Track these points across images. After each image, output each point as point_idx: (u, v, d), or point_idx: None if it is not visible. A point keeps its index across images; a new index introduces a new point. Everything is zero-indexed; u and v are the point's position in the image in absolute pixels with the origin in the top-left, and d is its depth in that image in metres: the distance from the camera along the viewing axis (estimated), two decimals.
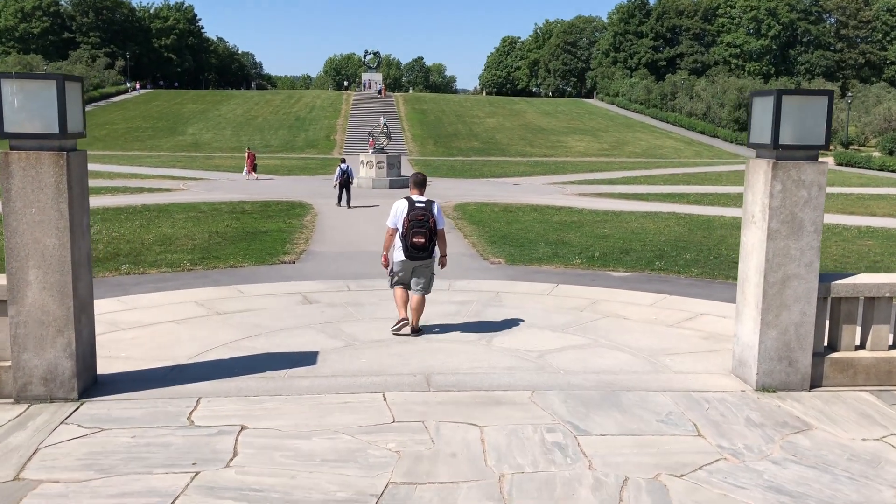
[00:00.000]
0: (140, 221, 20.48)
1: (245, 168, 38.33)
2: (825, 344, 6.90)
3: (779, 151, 6.34)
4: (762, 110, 6.43)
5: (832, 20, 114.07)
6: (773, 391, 6.64)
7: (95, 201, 25.47)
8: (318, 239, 18.42)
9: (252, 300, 10.96)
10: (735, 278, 14.23)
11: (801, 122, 6.22)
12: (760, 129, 6.45)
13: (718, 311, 10.73)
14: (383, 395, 6.46)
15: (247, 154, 38.76)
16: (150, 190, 30.47)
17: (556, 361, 7.34)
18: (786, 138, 6.25)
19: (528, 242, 17.76)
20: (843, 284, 6.64)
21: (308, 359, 7.35)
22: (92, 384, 6.63)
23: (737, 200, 29.00)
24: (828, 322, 6.88)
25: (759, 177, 6.48)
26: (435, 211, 8.25)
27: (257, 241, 17.66)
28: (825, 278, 6.70)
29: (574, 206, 25.89)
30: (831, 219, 22.72)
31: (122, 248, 16.47)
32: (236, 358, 7.41)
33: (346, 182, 25.81)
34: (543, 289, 12.28)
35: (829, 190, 34.27)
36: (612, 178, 40.94)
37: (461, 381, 6.83)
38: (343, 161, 27.22)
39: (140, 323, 9.27)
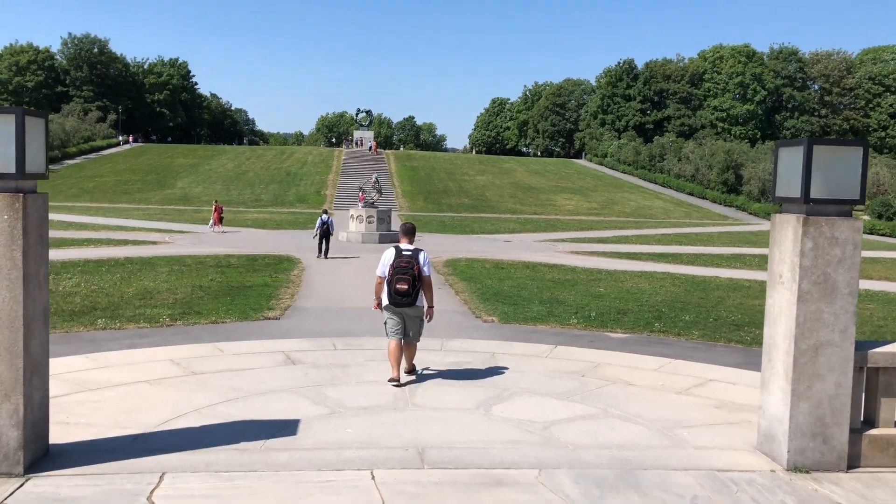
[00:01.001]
0: (122, 274, 19.78)
1: (211, 220, 38.18)
2: (861, 419, 6.25)
3: (809, 206, 5.80)
4: (789, 161, 5.91)
5: (816, 87, 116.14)
6: (807, 471, 5.97)
7: (77, 253, 24.82)
8: (305, 294, 17.79)
9: (231, 359, 10.25)
10: (738, 342, 13.83)
11: (834, 174, 5.70)
12: (788, 181, 5.92)
13: (727, 376, 10.18)
14: (371, 473, 5.72)
15: (214, 206, 38.73)
16: (135, 242, 29.81)
17: (563, 434, 6.64)
18: (817, 192, 5.72)
19: (521, 300, 17.22)
20: (881, 353, 6.02)
21: (288, 428, 6.62)
22: (42, 456, 5.86)
23: (730, 261, 28.60)
24: (864, 395, 6.24)
25: (787, 233, 5.93)
26: (421, 259, 8.47)
27: (241, 295, 17.01)
28: (861, 346, 6.09)
29: (567, 264, 25.40)
30: None
31: (100, 301, 15.78)
32: (209, 426, 6.66)
33: (325, 233, 25.90)
34: (541, 350, 11.65)
35: None
36: (603, 236, 40.61)
37: (459, 456, 6.09)
38: (325, 212, 27.26)
39: (109, 383, 8.54)
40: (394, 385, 8.32)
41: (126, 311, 14.77)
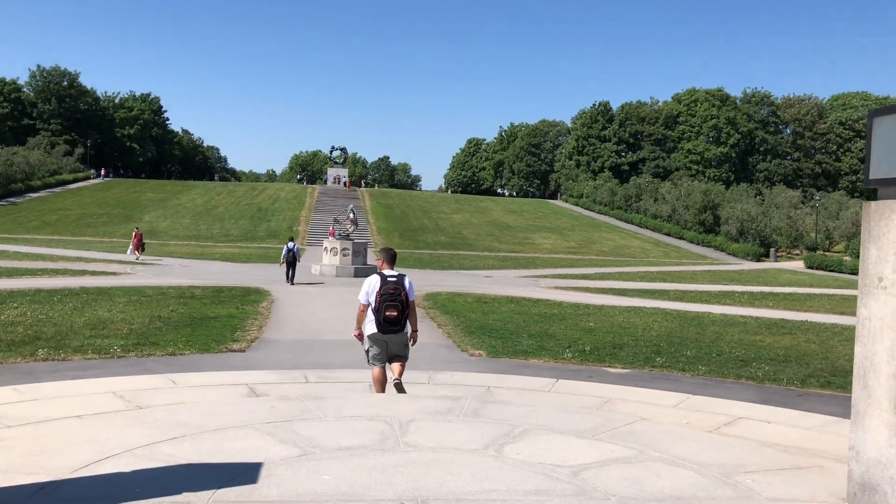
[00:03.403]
0: (74, 304, 18.19)
1: (130, 247, 37.88)
2: None
3: None
4: (891, 134, 4.67)
5: (789, 131, 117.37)
6: None
7: (28, 283, 23.13)
8: (274, 326, 16.39)
9: (185, 392, 8.78)
10: (749, 378, 12.57)
11: None
12: (889, 158, 4.67)
13: (757, 414, 8.99)
14: None
15: (134, 233, 38.38)
16: (94, 273, 28.08)
17: (600, 482, 5.18)
18: None
19: (508, 334, 16.05)
20: None
21: (247, 474, 5.11)
22: None
23: (720, 298, 27.50)
24: None
25: (891, 225, 4.67)
26: (406, 284, 8.31)
27: (204, 326, 15.57)
28: None
29: (552, 299, 24.16)
30: (833, 319, 21.73)
31: (45, 331, 14.26)
32: (143, 471, 5.13)
33: (292, 259, 26.92)
34: (542, 384, 10.32)
35: (813, 291, 33.13)
36: (585, 273, 39.49)
37: None
38: (291, 240, 28.16)
39: (31, 419, 7.03)
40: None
41: (73, 341, 13.35)
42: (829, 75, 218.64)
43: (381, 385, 8.33)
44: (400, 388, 8.29)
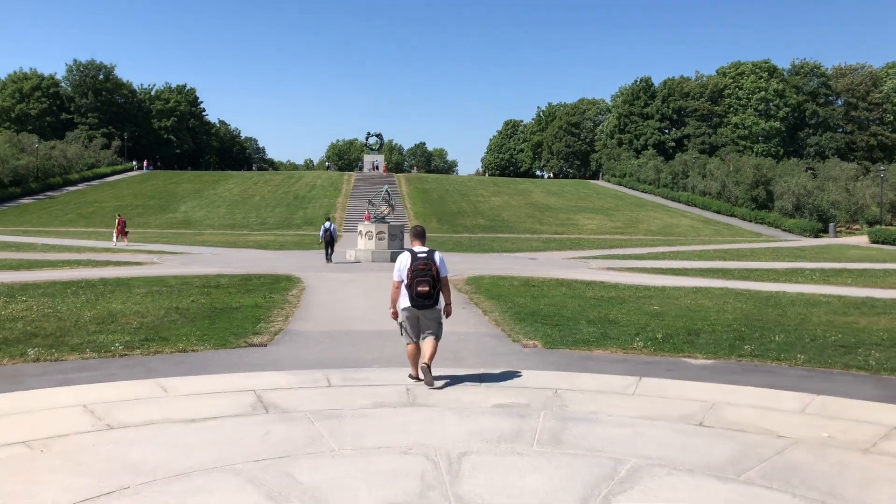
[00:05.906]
0: (88, 296, 16.58)
1: (114, 234, 37.83)
2: None
3: None
4: None
5: (840, 102, 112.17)
6: None
7: (47, 275, 21.72)
8: (302, 316, 14.59)
9: (173, 404, 6.95)
10: (859, 367, 10.30)
11: None
12: None
13: None
14: None
15: (117, 220, 38.31)
16: (118, 263, 26.61)
17: None
18: None
19: (564, 321, 14.01)
20: None
21: None
22: None
23: (789, 276, 25.10)
24: None
25: None
26: (437, 260, 8.49)
27: (224, 318, 13.85)
28: None
29: (606, 281, 21.96)
30: None
31: (47, 326, 12.64)
32: None
33: (329, 239, 27.52)
34: (622, 385, 8.29)
35: (890, 266, 30.44)
36: (636, 253, 37.08)
37: None
38: (327, 219, 28.73)
39: None
40: (413, 381, 8.16)
41: (74, 338, 11.70)
42: (882, 42, 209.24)
43: (415, 361, 8.46)
44: (428, 372, 8.29)
